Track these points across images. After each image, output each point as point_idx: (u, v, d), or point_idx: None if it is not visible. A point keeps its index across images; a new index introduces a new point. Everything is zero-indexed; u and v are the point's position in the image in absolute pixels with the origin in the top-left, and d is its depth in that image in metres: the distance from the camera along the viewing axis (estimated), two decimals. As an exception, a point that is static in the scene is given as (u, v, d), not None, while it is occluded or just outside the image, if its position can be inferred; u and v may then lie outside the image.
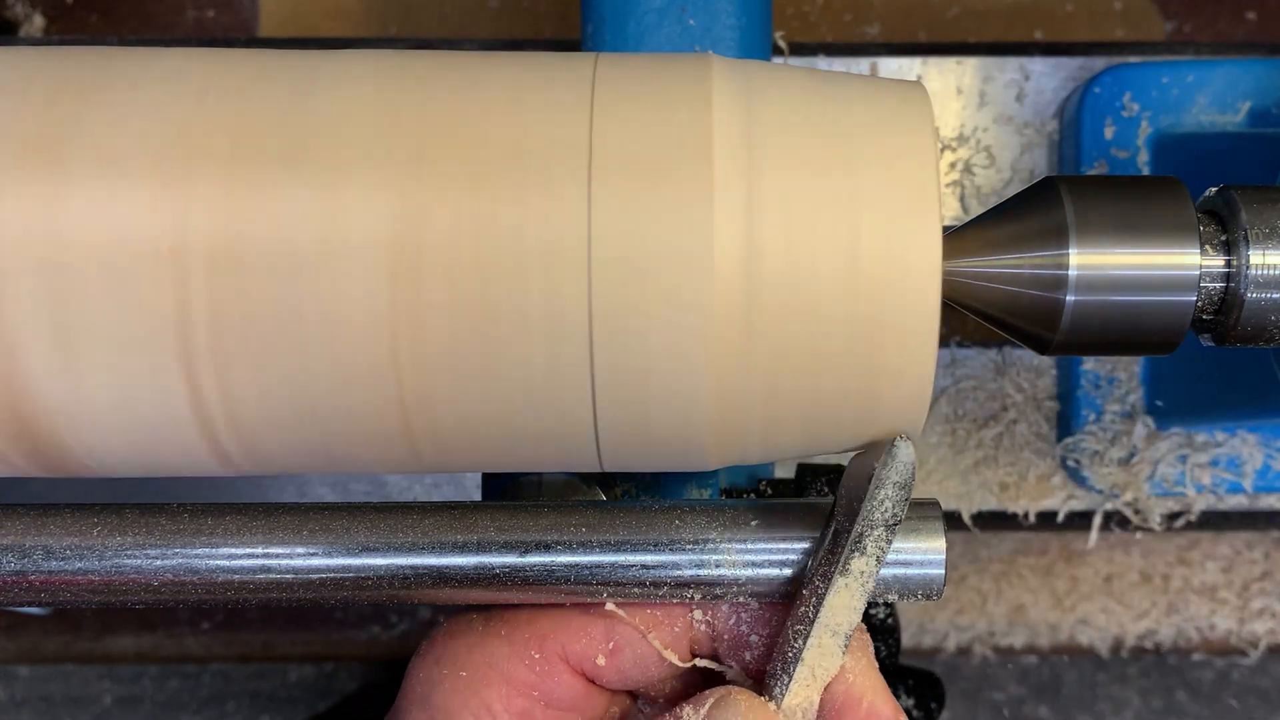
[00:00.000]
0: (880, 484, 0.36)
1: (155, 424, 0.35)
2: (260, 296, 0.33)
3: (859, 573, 0.36)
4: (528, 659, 0.39)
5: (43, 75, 0.34)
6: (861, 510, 0.36)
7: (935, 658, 0.81)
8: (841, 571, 0.36)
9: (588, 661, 0.39)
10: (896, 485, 0.36)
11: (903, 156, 0.34)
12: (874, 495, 0.36)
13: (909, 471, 0.36)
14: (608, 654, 0.39)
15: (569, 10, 0.73)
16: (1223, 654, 0.80)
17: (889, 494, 0.36)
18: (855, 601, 0.36)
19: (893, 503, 0.36)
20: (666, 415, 0.35)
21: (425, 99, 0.34)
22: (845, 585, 0.36)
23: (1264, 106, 0.58)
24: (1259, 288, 0.35)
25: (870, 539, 0.36)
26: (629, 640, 0.39)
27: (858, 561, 0.36)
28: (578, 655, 0.39)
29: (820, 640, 0.36)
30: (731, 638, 0.39)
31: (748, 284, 0.33)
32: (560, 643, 0.39)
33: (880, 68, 0.62)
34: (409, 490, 0.65)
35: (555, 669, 0.39)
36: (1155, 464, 0.60)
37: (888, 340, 0.34)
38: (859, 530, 0.36)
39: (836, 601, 0.36)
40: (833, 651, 0.37)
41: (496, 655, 0.39)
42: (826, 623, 0.36)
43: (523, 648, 0.39)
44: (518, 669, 0.39)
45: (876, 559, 0.36)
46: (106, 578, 0.37)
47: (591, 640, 0.39)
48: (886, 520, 0.36)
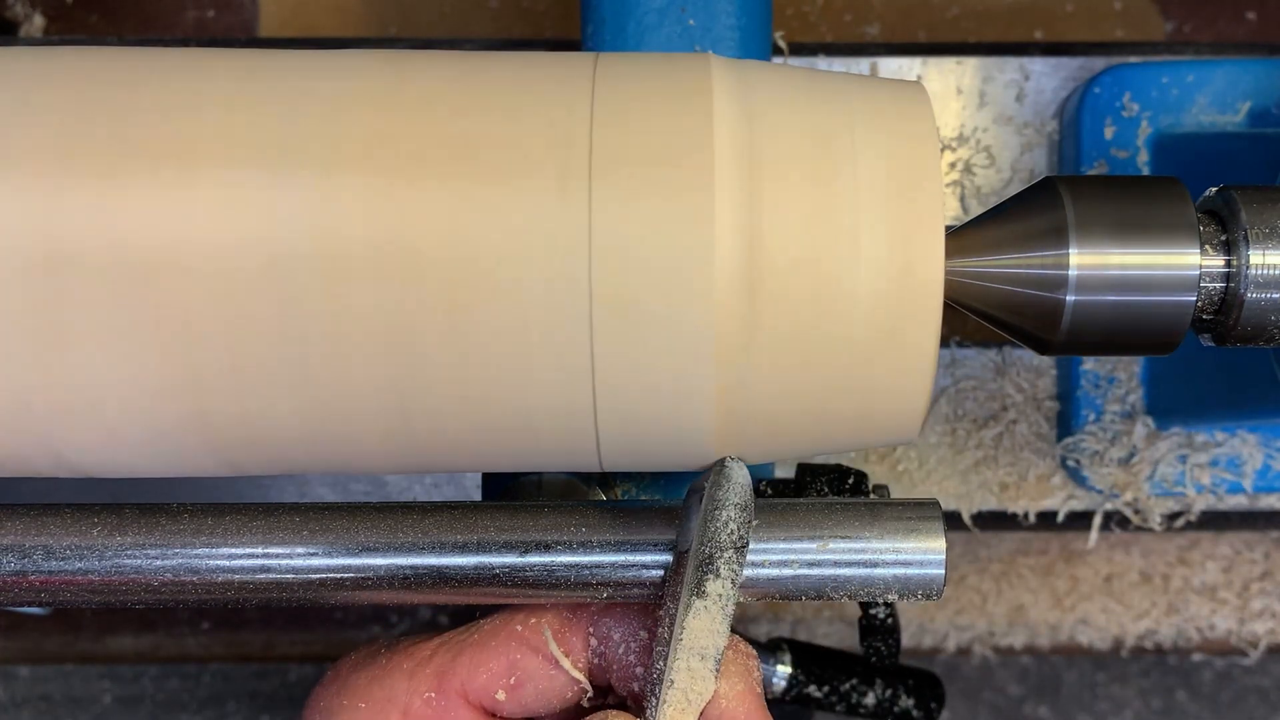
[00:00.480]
0: (718, 505, 0.36)
1: (158, 429, 0.35)
2: (259, 300, 0.33)
3: (716, 595, 0.36)
4: (425, 694, 0.39)
5: (42, 75, 0.34)
6: (704, 533, 0.36)
7: (935, 658, 0.81)
8: (697, 594, 0.36)
9: (487, 696, 0.39)
10: (737, 506, 0.36)
11: (903, 156, 0.34)
12: (714, 517, 0.36)
13: (746, 491, 0.36)
14: (509, 689, 0.39)
15: (569, 10, 0.73)
16: (1223, 654, 0.80)
17: (730, 515, 0.36)
18: (717, 624, 0.36)
19: (736, 524, 0.36)
20: (667, 415, 0.35)
21: (425, 98, 0.34)
22: (704, 608, 0.36)
23: (1264, 106, 0.58)
24: (1259, 288, 0.35)
25: (720, 562, 0.36)
26: (531, 675, 0.39)
27: (712, 584, 0.36)
28: (478, 690, 0.39)
29: (688, 664, 0.36)
30: (621, 668, 0.39)
31: (748, 284, 0.33)
32: (460, 679, 0.39)
33: (880, 68, 0.62)
34: (409, 490, 0.65)
35: (453, 704, 0.39)
36: (1155, 464, 0.60)
37: (889, 340, 0.34)
38: (707, 552, 0.36)
39: (697, 624, 0.36)
40: (703, 675, 0.36)
41: (396, 690, 0.39)
42: (690, 645, 0.36)
43: (422, 683, 0.39)
44: (416, 703, 0.39)
45: (732, 581, 0.36)
46: (106, 578, 0.37)
47: (493, 676, 0.39)
48: (734, 542, 0.36)
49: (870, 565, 0.38)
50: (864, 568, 0.38)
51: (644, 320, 0.33)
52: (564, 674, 0.39)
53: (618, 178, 0.33)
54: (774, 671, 0.53)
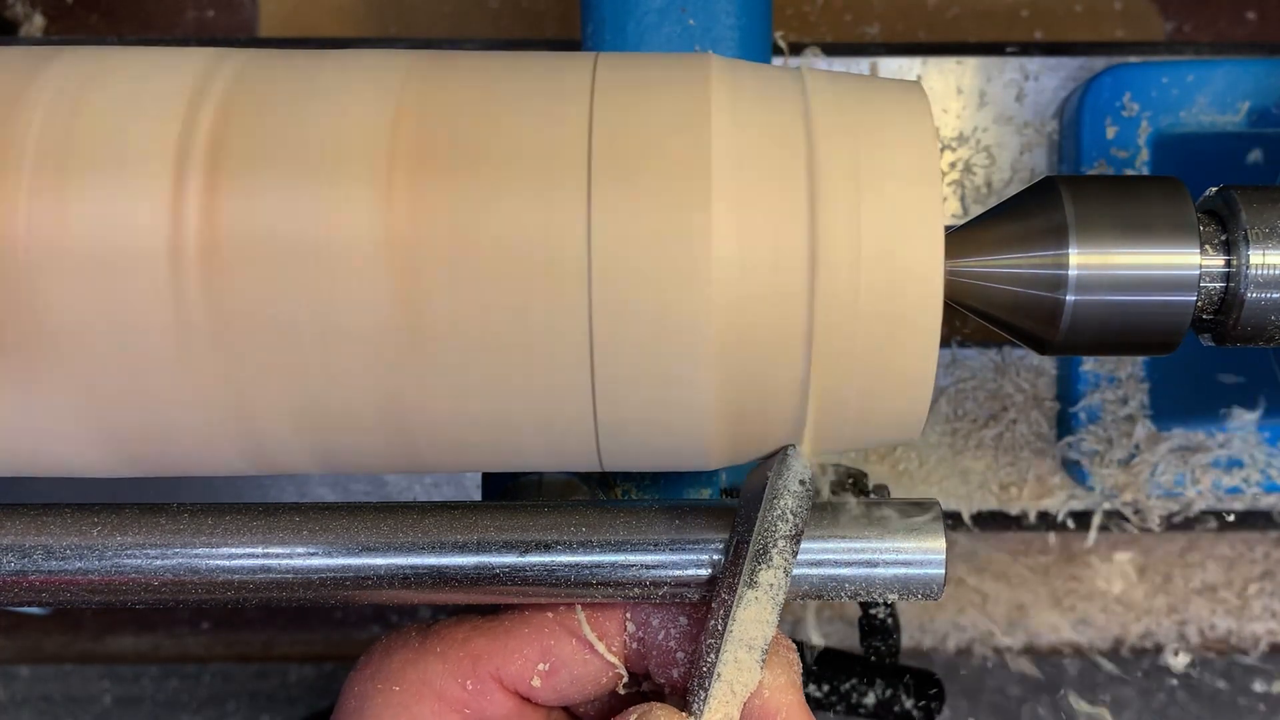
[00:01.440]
0: (777, 494, 0.36)
1: (157, 423, 0.35)
2: (258, 296, 0.33)
3: (768, 585, 0.36)
4: (461, 678, 0.39)
5: (42, 74, 0.34)
6: (760, 522, 0.35)
7: (935, 658, 0.81)
8: (749, 584, 0.35)
9: (522, 682, 0.39)
10: (794, 495, 0.36)
11: (904, 156, 0.34)
12: (772, 507, 0.35)
13: (806, 480, 0.36)
14: (543, 675, 0.39)
15: (569, 10, 0.73)
16: (1223, 654, 0.80)
17: (787, 505, 0.36)
18: (767, 614, 0.36)
19: (794, 513, 0.36)
20: (666, 415, 0.35)
21: (424, 99, 0.34)
22: (755, 598, 0.36)
23: (1264, 106, 0.58)
24: (1259, 287, 0.35)
25: (775, 551, 0.35)
26: (566, 661, 0.39)
27: (765, 574, 0.36)
28: (512, 676, 0.39)
29: (735, 655, 0.36)
30: (661, 654, 0.39)
31: (746, 283, 0.33)
32: (495, 664, 0.39)
33: (880, 68, 0.62)
34: (409, 490, 0.65)
35: (488, 688, 0.39)
36: (1155, 464, 0.60)
37: (889, 340, 0.34)
38: (760, 543, 0.35)
39: (747, 615, 0.36)
40: (750, 666, 0.36)
41: (431, 673, 0.39)
42: (739, 637, 0.36)
43: (456, 666, 0.39)
44: (450, 687, 0.39)
45: (784, 570, 0.36)
46: (106, 578, 0.37)
47: (527, 661, 0.39)
48: (789, 532, 0.35)
49: (870, 565, 0.38)
50: (864, 568, 0.38)
51: (643, 319, 0.33)
52: (599, 659, 0.39)
53: (617, 177, 0.33)
54: (774, 671, 0.53)
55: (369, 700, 0.39)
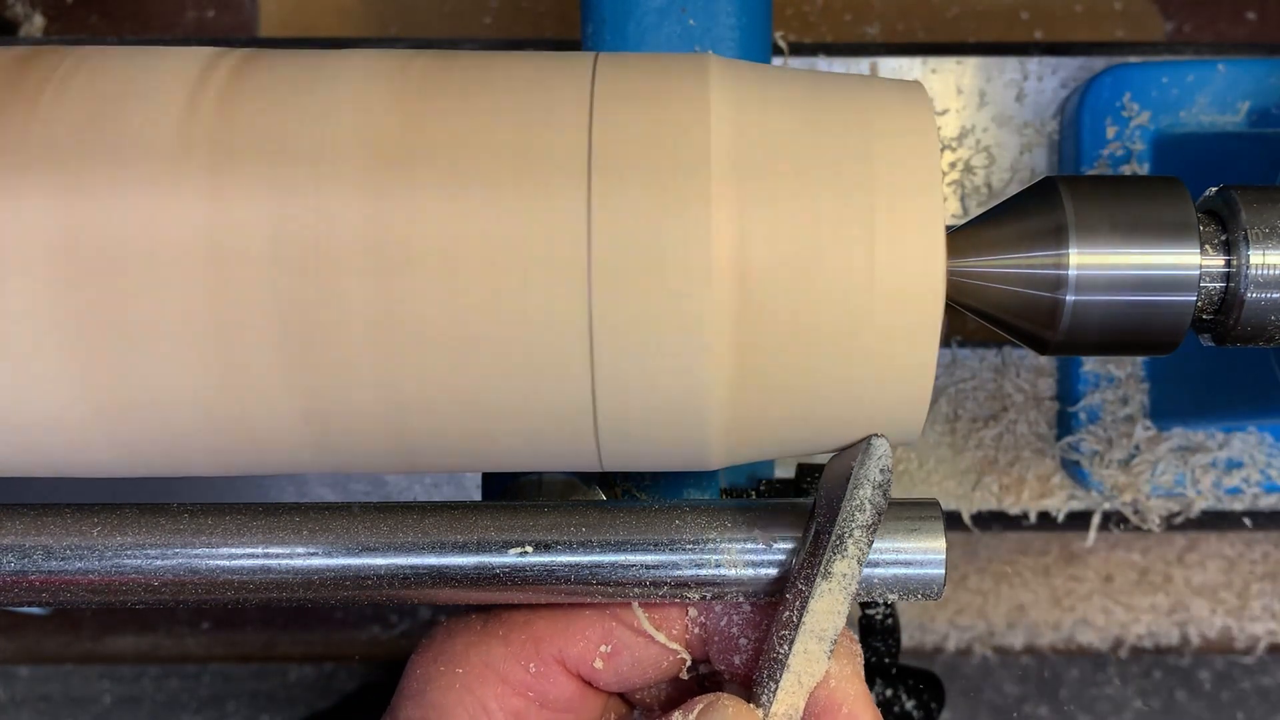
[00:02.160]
0: (859, 484, 0.35)
1: (156, 425, 0.35)
2: (257, 297, 0.33)
3: (841, 575, 0.35)
4: (524, 661, 0.39)
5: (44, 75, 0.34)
6: (841, 511, 0.35)
7: (935, 658, 0.81)
8: (824, 575, 0.35)
9: (584, 664, 0.39)
10: (874, 485, 0.35)
11: (904, 156, 0.34)
12: (853, 495, 0.35)
13: (887, 469, 0.36)
14: (605, 658, 0.39)
15: (569, 10, 0.73)
16: (1223, 654, 0.80)
17: (867, 494, 0.35)
18: (839, 605, 0.36)
19: (872, 503, 0.35)
20: (667, 415, 0.35)
21: (424, 98, 0.34)
22: (828, 589, 0.35)
23: (1264, 106, 0.58)
24: (1259, 288, 0.35)
25: (851, 540, 0.35)
26: (627, 644, 0.39)
27: (839, 564, 0.35)
28: (574, 658, 0.39)
29: (806, 646, 0.36)
30: (723, 640, 0.39)
31: (746, 284, 0.33)
32: (557, 646, 0.39)
33: (880, 68, 0.62)
34: (409, 490, 0.65)
35: (551, 671, 0.39)
36: (1155, 464, 0.60)
37: (889, 340, 0.34)
38: (839, 532, 0.35)
39: (820, 606, 0.35)
40: (818, 657, 0.36)
41: (494, 655, 0.39)
42: (811, 628, 0.36)
43: (519, 649, 0.39)
44: (514, 670, 0.39)
45: (858, 560, 0.35)
46: (106, 578, 0.37)
47: (589, 644, 0.39)
48: (867, 521, 0.35)
49: (870, 565, 0.38)
50: (864, 567, 0.38)
51: (643, 319, 0.33)
52: (660, 644, 0.39)
53: (617, 178, 0.33)
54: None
55: (432, 683, 0.39)
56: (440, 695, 0.39)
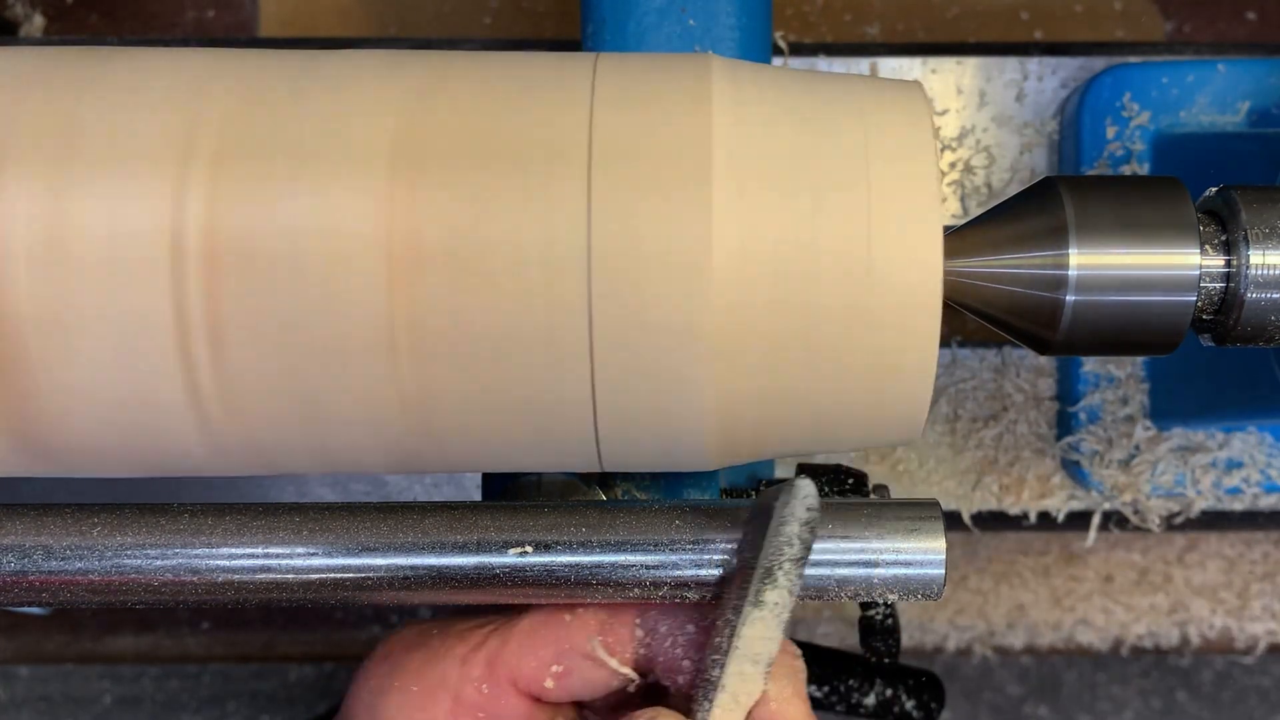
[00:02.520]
0: (784, 521, 0.36)
1: (153, 420, 0.35)
2: (258, 294, 0.33)
3: (773, 604, 0.36)
4: (478, 682, 0.39)
5: (43, 73, 0.34)
6: (766, 545, 0.36)
7: (935, 658, 0.81)
8: (754, 604, 0.36)
9: (536, 684, 0.39)
10: (801, 522, 0.36)
11: (903, 156, 0.34)
12: (778, 533, 0.36)
13: (813, 508, 0.36)
14: (556, 678, 0.39)
15: (569, 10, 0.73)
16: (1223, 654, 0.80)
17: (794, 531, 0.36)
18: (771, 631, 0.36)
19: (800, 539, 0.36)
20: (666, 415, 0.35)
21: (425, 99, 0.34)
22: (760, 616, 0.36)
23: (1264, 106, 0.58)
24: (1259, 288, 0.35)
25: (781, 573, 0.36)
26: (578, 665, 0.39)
27: (771, 594, 0.36)
28: (527, 679, 0.39)
29: (740, 668, 0.37)
30: (667, 661, 0.39)
31: (746, 284, 0.33)
32: (511, 667, 0.39)
33: (880, 68, 0.62)
34: (409, 490, 0.65)
35: (504, 692, 0.39)
36: (1155, 464, 0.60)
37: (889, 340, 0.34)
38: (766, 565, 0.36)
39: (751, 632, 0.36)
40: (754, 678, 0.37)
41: (448, 676, 0.39)
42: (744, 652, 0.36)
43: (473, 670, 0.39)
44: (467, 690, 0.39)
45: (789, 591, 0.36)
46: (106, 578, 0.37)
47: (541, 665, 0.39)
48: (795, 555, 0.36)
49: (870, 565, 0.38)
50: (864, 568, 0.38)
51: (643, 319, 0.33)
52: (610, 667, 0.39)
53: (617, 177, 0.33)
54: (774, 671, 0.53)
55: (385, 696, 0.40)
56: (394, 712, 0.39)
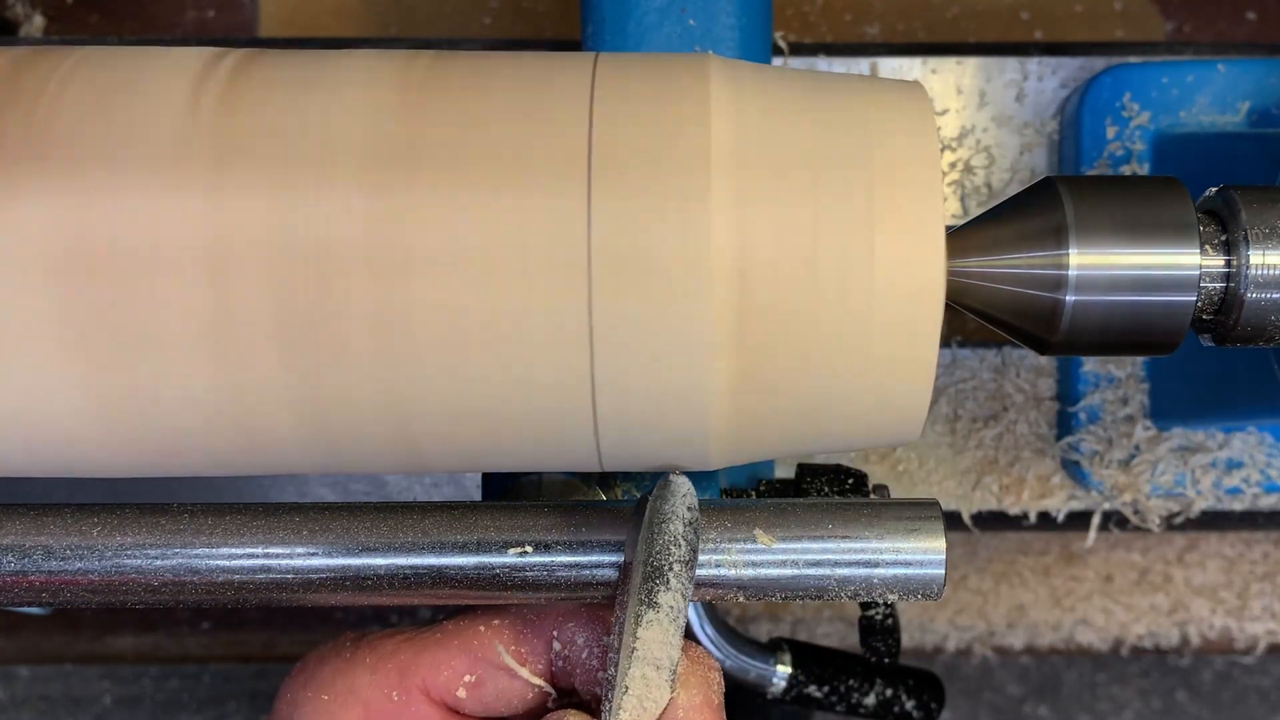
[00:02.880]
0: (664, 519, 0.36)
1: (154, 422, 0.35)
2: (258, 297, 0.33)
3: (668, 606, 0.36)
4: (388, 689, 0.39)
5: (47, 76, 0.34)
6: (653, 545, 0.36)
7: (935, 658, 0.81)
8: (648, 605, 0.36)
9: (449, 694, 0.39)
10: (683, 520, 0.36)
11: (903, 156, 0.34)
12: (660, 532, 0.36)
13: (692, 504, 0.36)
14: (469, 688, 0.39)
15: (569, 10, 0.73)
16: (1223, 654, 0.80)
17: (677, 530, 0.36)
18: (669, 635, 0.36)
19: (684, 537, 0.36)
20: (666, 415, 0.35)
21: (424, 99, 0.34)
22: (655, 618, 0.36)
23: (1264, 106, 0.58)
24: (1259, 288, 0.35)
25: (670, 574, 0.36)
26: (491, 675, 0.39)
27: (664, 595, 0.36)
28: (439, 688, 0.39)
29: (643, 673, 0.36)
30: (584, 671, 0.39)
31: (746, 284, 0.33)
32: (421, 675, 0.39)
33: (880, 68, 0.62)
34: (409, 490, 0.65)
35: (414, 700, 0.39)
36: (1155, 464, 0.60)
37: (889, 340, 0.34)
38: (652, 566, 0.36)
39: (649, 634, 0.36)
40: (659, 684, 0.36)
41: (359, 683, 0.39)
42: (644, 655, 0.36)
43: (384, 677, 0.39)
44: (377, 698, 0.39)
45: (681, 593, 0.36)
46: (106, 578, 0.37)
47: (453, 674, 0.39)
48: (682, 556, 0.36)
49: (870, 565, 0.38)
50: (864, 568, 0.38)
51: (642, 319, 0.33)
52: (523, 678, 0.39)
53: (617, 178, 0.33)
54: (774, 671, 0.53)
55: (300, 707, 0.40)
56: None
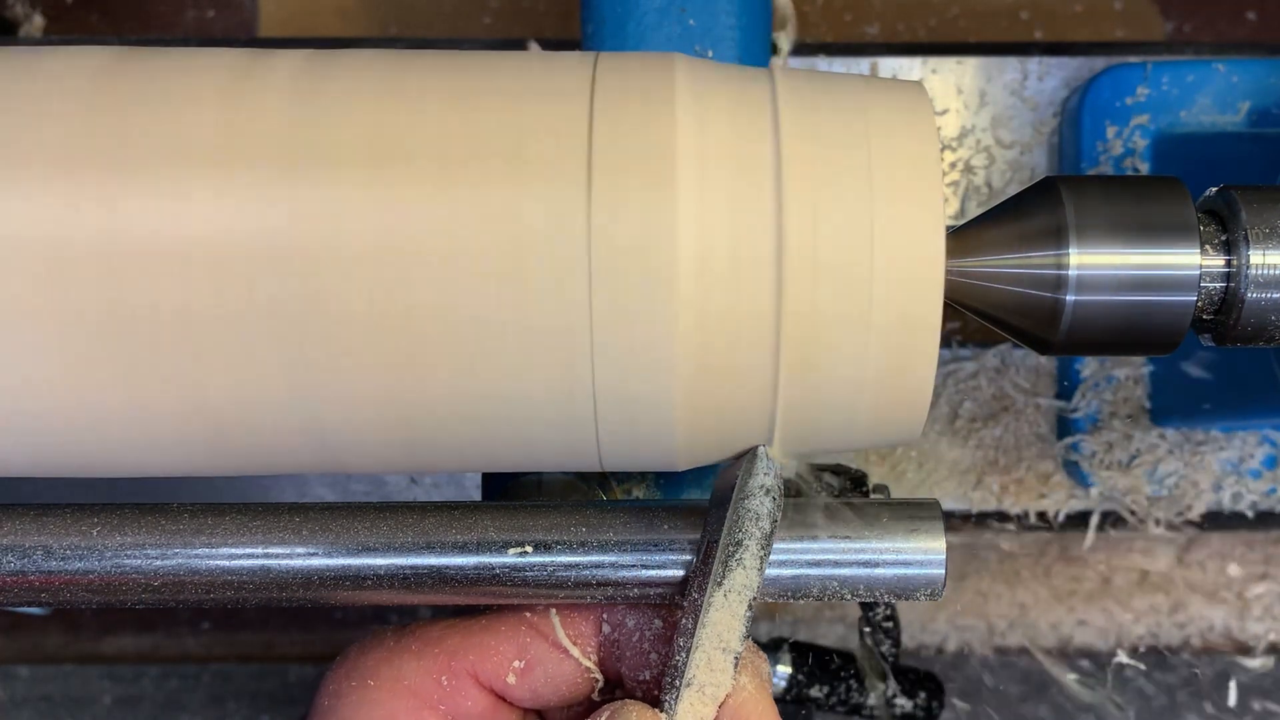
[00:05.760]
0: (747, 495, 0.35)
1: (151, 421, 0.35)
2: (259, 297, 0.33)
3: (740, 587, 0.35)
4: (436, 674, 0.39)
5: (46, 75, 0.34)
6: (727, 523, 0.35)
7: (935, 658, 0.81)
8: (720, 585, 0.35)
9: (497, 679, 0.39)
10: (764, 495, 0.35)
11: (904, 156, 0.34)
12: (741, 508, 0.35)
13: (773, 479, 0.36)
14: (518, 672, 0.39)
15: (569, 10, 0.73)
16: (1223, 654, 0.80)
17: (757, 505, 0.35)
18: (739, 616, 0.36)
19: (764, 514, 0.35)
20: (666, 416, 0.35)
21: (424, 99, 0.34)
22: (726, 600, 0.35)
23: (1264, 106, 0.58)
24: (1259, 288, 0.35)
25: (746, 552, 0.35)
26: (541, 659, 0.39)
27: (738, 575, 0.35)
28: (488, 673, 0.39)
29: (709, 656, 0.36)
30: (635, 654, 0.39)
31: (746, 285, 0.33)
32: (470, 660, 0.39)
33: (880, 68, 0.62)
34: (409, 490, 0.65)
35: (463, 685, 0.39)
36: (1155, 464, 0.60)
37: (888, 340, 0.34)
38: (731, 544, 0.35)
39: (718, 616, 0.35)
40: (723, 668, 0.36)
41: (405, 669, 0.39)
42: (712, 638, 0.36)
43: (431, 662, 0.39)
44: (425, 683, 0.39)
45: (757, 571, 0.35)
46: (106, 578, 0.37)
47: (503, 658, 0.39)
48: (759, 533, 0.35)
49: (870, 565, 0.38)
50: (864, 568, 0.38)
51: (642, 320, 0.33)
52: (573, 660, 0.39)
53: (617, 177, 0.33)
54: (774, 671, 0.53)
55: (343, 698, 0.39)
56: (351, 710, 0.38)
